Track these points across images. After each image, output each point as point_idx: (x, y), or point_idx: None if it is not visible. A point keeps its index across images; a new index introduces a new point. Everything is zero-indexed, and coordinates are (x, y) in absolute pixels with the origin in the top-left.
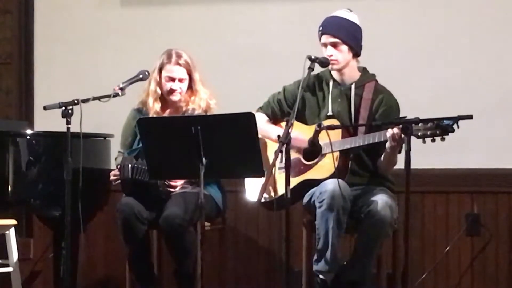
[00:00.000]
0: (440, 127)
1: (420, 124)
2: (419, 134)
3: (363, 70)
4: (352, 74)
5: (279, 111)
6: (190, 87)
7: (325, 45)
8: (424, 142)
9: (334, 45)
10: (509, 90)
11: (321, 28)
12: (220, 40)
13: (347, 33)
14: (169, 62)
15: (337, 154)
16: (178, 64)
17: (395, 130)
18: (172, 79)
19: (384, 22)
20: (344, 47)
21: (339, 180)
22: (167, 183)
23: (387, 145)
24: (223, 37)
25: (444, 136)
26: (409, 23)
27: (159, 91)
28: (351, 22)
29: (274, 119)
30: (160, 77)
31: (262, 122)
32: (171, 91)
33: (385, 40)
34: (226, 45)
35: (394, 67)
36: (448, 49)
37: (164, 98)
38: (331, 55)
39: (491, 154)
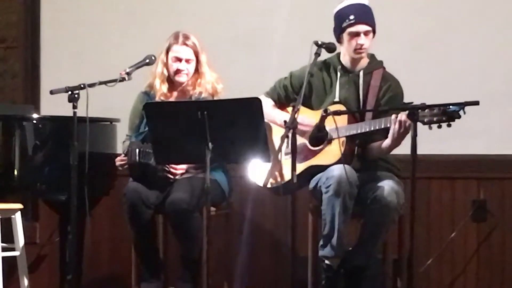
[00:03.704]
0: (447, 114)
1: (426, 110)
2: (425, 120)
3: (372, 57)
4: (361, 61)
5: (285, 97)
6: (197, 70)
7: (358, 34)
8: (430, 128)
9: (366, 33)
10: None
11: (352, 17)
12: (227, 24)
13: (373, 19)
14: (176, 43)
15: (343, 139)
16: (185, 44)
17: (403, 117)
18: (179, 59)
19: (390, 9)
20: (372, 35)
21: (346, 165)
22: (167, 169)
23: (391, 131)
24: (230, 21)
25: (451, 123)
26: (415, 9)
27: (165, 72)
28: (368, 6)
29: (280, 105)
30: (167, 58)
31: (268, 107)
32: (178, 71)
33: (391, 27)
34: (233, 29)
35: (400, 53)
36: (454, 36)
37: (171, 80)
38: (363, 44)
39: (498, 140)
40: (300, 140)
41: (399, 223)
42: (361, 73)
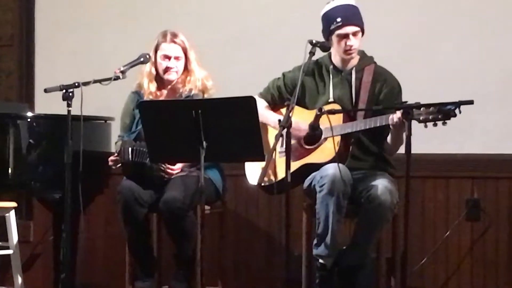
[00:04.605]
0: (442, 112)
1: (422, 109)
2: (421, 118)
3: (362, 54)
4: (352, 59)
5: (278, 97)
6: (186, 67)
7: (346, 35)
8: (426, 126)
9: (355, 34)
10: (511, 75)
11: (339, 20)
12: (221, 23)
13: (361, 20)
14: (164, 41)
15: (338, 138)
16: (174, 42)
17: (398, 115)
18: (168, 57)
19: (384, 7)
20: (360, 34)
21: (340, 164)
22: (163, 168)
23: (391, 128)
24: (224, 20)
25: (446, 121)
26: (410, 7)
27: (154, 71)
28: (356, 7)
29: (274, 105)
30: (155, 57)
31: (261, 108)
32: (167, 69)
33: (385, 25)
34: (227, 28)
35: (394, 52)
36: (449, 34)
37: (160, 79)
38: (352, 45)
39: (491, 140)
40: (294, 139)
41: (393, 222)
42: (353, 71)
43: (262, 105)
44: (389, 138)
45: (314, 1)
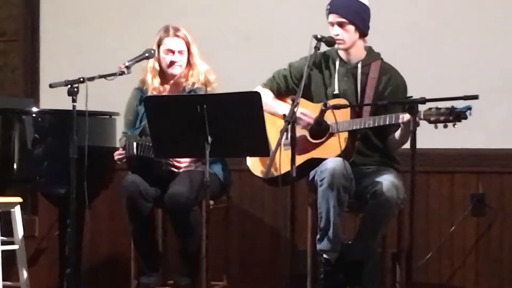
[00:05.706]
0: (454, 113)
1: (433, 109)
2: (431, 119)
3: (369, 49)
4: (358, 53)
5: (285, 87)
6: (189, 61)
7: (332, 24)
8: (436, 127)
9: (341, 24)
10: None
11: (328, 7)
12: (225, 19)
13: (354, 13)
14: (167, 35)
15: (345, 134)
16: (177, 36)
17: (407, 118)
18: (172, 51)
19: (390, 3)
20: (351, 27)
21: (340, 158)
22: (171, 163)
23: (399, 131)
24: (228, 16)
25: (457, 123)
26: (415, 4)
27: (157, 66)
28: (358, 2)
29: (278, 95)
30: (158, 52)
31: (269, 98)
32: (171, 63)
33: (390, 21)
34: (231, 24)
35: (398, 48)
36: (453, 30)
37: (163, 74)
38: (337, 35)
39: (496, 134)
40: (300, 133)
41: (399, 216)
42: (359, 65)
43: (269, 96)
44: (397, 134)
45: None
